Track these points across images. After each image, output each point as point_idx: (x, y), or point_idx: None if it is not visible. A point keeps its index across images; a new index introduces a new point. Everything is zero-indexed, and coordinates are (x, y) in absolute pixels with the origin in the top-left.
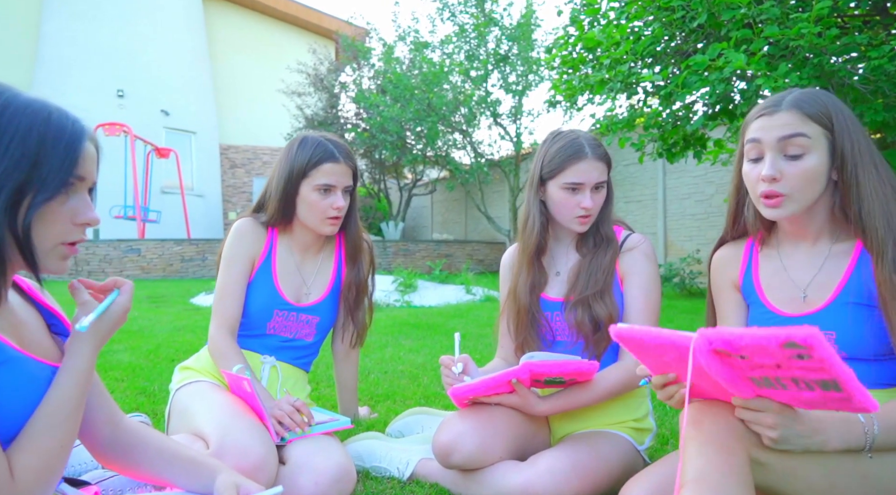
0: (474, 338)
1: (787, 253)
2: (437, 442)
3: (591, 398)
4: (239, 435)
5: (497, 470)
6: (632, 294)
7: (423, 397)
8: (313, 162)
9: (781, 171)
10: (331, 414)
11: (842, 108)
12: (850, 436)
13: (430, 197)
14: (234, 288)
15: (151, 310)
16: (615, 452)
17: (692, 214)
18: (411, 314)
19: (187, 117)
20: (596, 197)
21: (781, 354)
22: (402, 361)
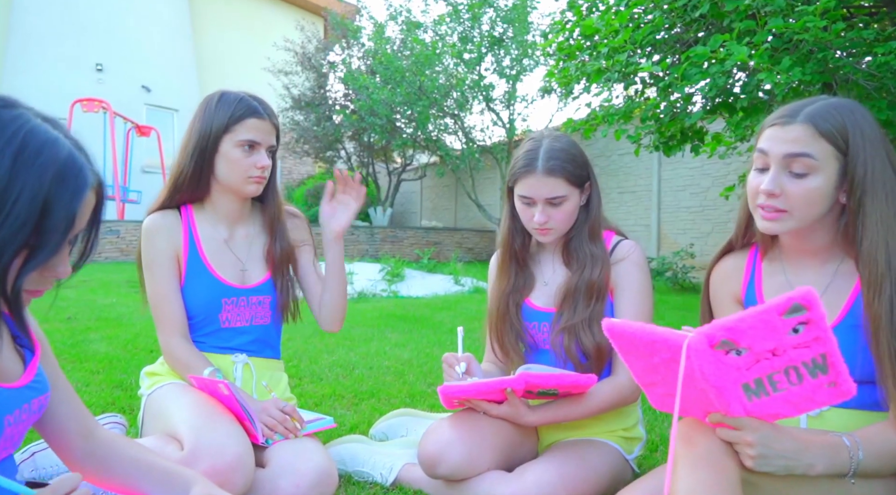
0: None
1: (793, 270)
2: (423, 451)
3: (582, 412)
4: (213, 434)
5: (484, 482)
6: (622, 306)
7: (408, 395)
8: (236, 116)
9: (783, 188)
10: (314, 414)
11: (863, 127)
12: (836, 461)
13: (420, 182)
14: (167, 290)
15: (130, 296)
16: (603, 463)
17: (687, 207)
18: (398, 305)
19: (169, 94)
20: (552, 211)
21: (781, 327)
22: (387, 357)
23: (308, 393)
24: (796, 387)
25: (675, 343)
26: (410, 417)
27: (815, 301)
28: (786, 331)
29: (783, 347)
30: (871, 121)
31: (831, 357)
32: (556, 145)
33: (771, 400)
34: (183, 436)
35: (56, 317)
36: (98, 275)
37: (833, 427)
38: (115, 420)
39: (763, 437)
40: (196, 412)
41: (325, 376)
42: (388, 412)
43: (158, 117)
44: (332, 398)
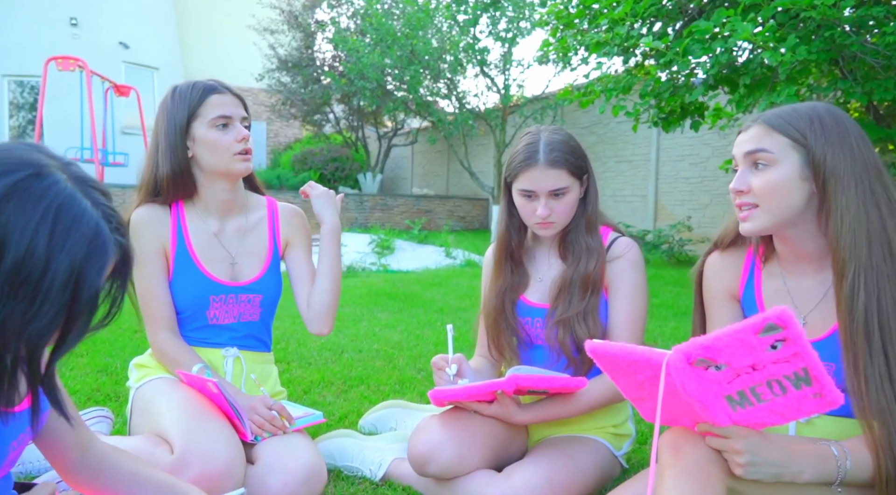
0: (454, 312)
1: (790, 274)
2: (413, 451)
3: (572, 411)
4: (204, 439)
5: (472, 481)
6: (616, 305)
7: (398, 382)
8: (196, 99)
9: (748, 184)
10: (303, 408)
11: (823, 118)
12: (824, 470)
13: (411, 148)
14: (155, 286)
15: None
16: (592, 461)
17: (685, 178)
18: (387, 281)
19: (148, 52)
20: (555, 204)
21: (759, 346)
22: (377, 339)
23: (296, 379)
24: (781, 398)
25: (655, 361)
26: (400, 409)
27: (790, 320)
28: (763, 347)
29: (762, 363)
30: (835, 113)
31: (813, 370)
32: (555, 137)
33: (756, 410)
34: (173, 440)
35: None
36: None
37: (823, 434)
38: (102, 414)
39: (751, 445)
40: (186, 413)
41: (313, 360)
42: (378, 400)
43: (138, 76)
44: (320, 385)
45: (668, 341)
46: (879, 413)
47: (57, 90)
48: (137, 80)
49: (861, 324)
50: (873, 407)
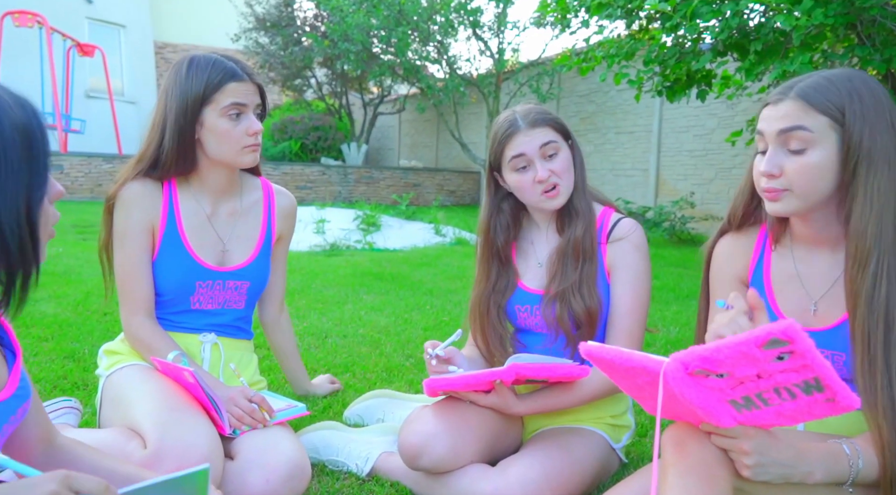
0: (443, 294)
1: (802, 258)
2: (404, 442)
3: (571, 401)
4: (179, 432)
5: (466, 476)
6: (619, 290)
7: (384, 369)
8: (213, 83)
9: (781, 167)
10: (286, 399)
11: (862, 93)
12: (835, 469)
13: (398, 116)
14: (138, 265)
15: (78, 245)
16: (589, 455)
17: (689, 150)
18: (373, 260)
19: (114, 7)
20: (551, 164)
21: (762, 358)
22: (362, 323)
23: (277, 366)
24: (790, 402)
25: (653, 369)
26: (387, 399)
27: (797, 335)
28: (768, 359)
29: (768, 372)
30: (872, 87)
31: (825, 379)
32: (535, 107)
33: (763, 413)
34: (146, 433)
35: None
36: None
37: (833, 428)
38: (70, 405)
39: (759, 445)
40: (160, 403)
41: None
42: (364, 389)
43: (103, 34)
44: None
45: (668, 326)
46: (890, 412)
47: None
48: (102, 38)
49: (881, 316)
50: (886, 405)
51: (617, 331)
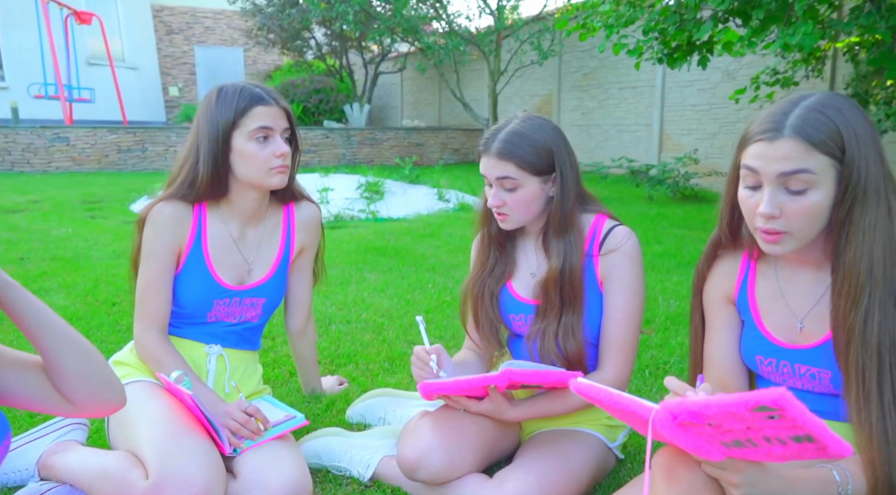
0: (445, 270)
1: (786, 276)
2: (402, 456)
3: (564, 408)
4: (181, 462)
5: (463, 487)
6: (612, 300)
7: (387, 359)
8: (241, 109)
9: (782, 207)
10: (283, 410)
11: (856, 127)
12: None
13: (400, 75)
14: (159, 283)
15: (87, 224)
16: (585, 460)
17: (693, 105)
18: (377, 233)
19: None
20: (506, 196)
21: (752, 417)
22: (365, 306)
23: (282, 358)
24: (779, 447)
25: (642, 415)
26: (388, 398)
27: (789, 404)
28: (759, 418)
29: (760, 427)
30: (861, 116)
31: (817, 435)
32: (519, 128)
33: (752, 452)
34: (147, 462)
35: (7, 257)
36: (50, 192)
37: None
38: (77, 421)
39: (749, 478)
40: (161, 430)
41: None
42: (366, 382)
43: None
44: None
45: (668, 299)
46: (884, 444)
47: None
48: (99, 5)
49: (874, 350)
50: (878, 438)
51: (610, 341)
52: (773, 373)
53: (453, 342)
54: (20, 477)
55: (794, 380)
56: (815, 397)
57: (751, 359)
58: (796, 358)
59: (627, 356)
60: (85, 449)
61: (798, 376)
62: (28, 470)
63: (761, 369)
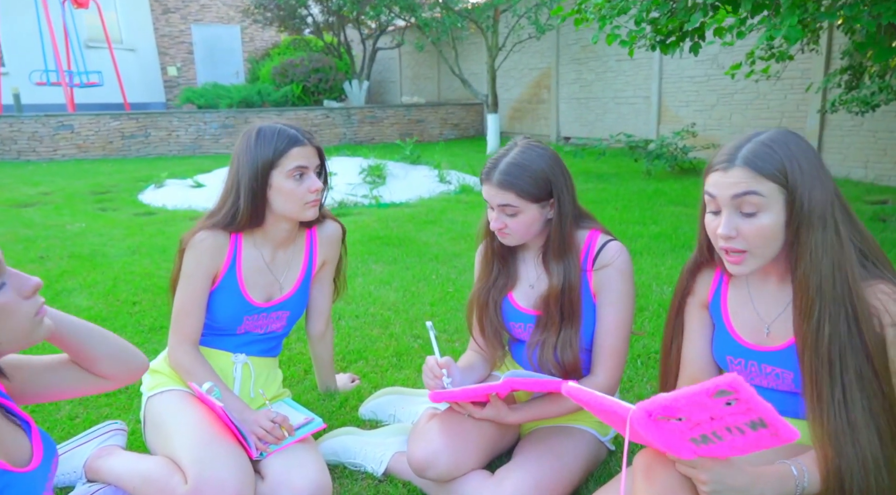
0: (448, 259)
1: (756, 285)
2: (413, 457)
3: (559, 411)
4: (216, 468)
5: (468, 484)
6: (604, 311)
7: (395, 354)
8: (280, 150)
9: (738, 229)
10: (303, 413)
11: (799, 160)
12: (784, 490)
13: (398, 50)
14: (195, 305)
15: (100, 218)
16: (578, 456)
17: (691, 76)
18: (380, 220)
19: None
20: (507, 220)
21: (713, 404)
22: (373, 300)
23: (296, 357)
24: (740, 437)
25: (621, 415)
26: (398, 396)
27: (741, 386)
28: (719, 405)
29: (720, 415)
30: (806, 150)
31: (768, 419)
32: (518, 159)
33: (718, 447)
34: (186, 468)
35: (28, 256)
36: (59, 182)
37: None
38: (117, 426)
39: (716, 475)
40: (197, 438)
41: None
42: (377, 379)
43: None
44: None
45: (662, 285)
46: (835, 439)
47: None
48: None
49: (825, 358)
50: (830, 435)
51: (602, 348)
52: (741, 372)
53: (457, 335)
54: (68, 480)
55: (761, 379)
56: (779, 395)
57: (721, 358)
58: (763, 359)
59: (617, 362)
60: (127, 454)
61: (764, 375)
62: (76, 472)
63: (731, 368)
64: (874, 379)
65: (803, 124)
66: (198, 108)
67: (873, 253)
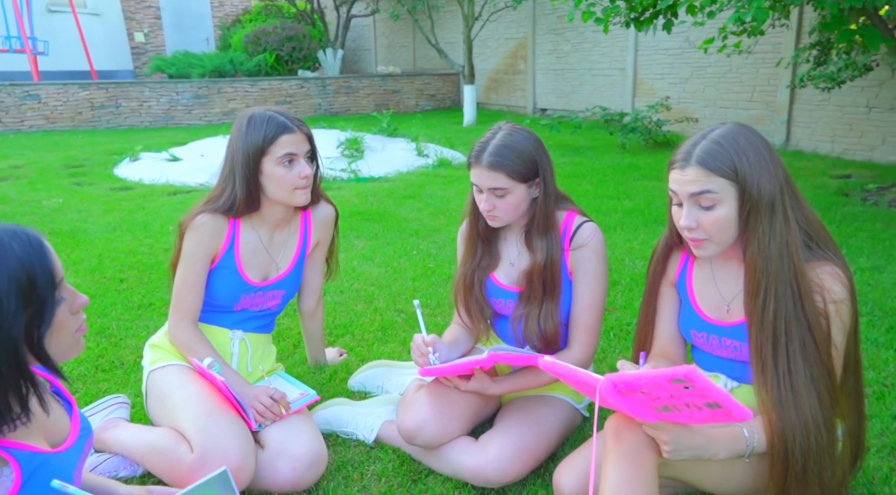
0: (428, 234)
1: (718, 266)
2: (402, 425)
3: (538, 382)
4: (220, 438)
5: (453, 450)
6: (580, 289)
7: (380, 329)
8: (269, 137)
9: (697, 221)
10: (299, 386)
11: (748, 153)
12: (737, 448)
13: (373, 17)
14: (195, 284)
15: (76, 193)
16: (556, 422)
17: (665, 49)
18: (360, 195)
19: None
20: (497, 201)
21: (672, 388)
22: (356, 276)
23: (284, 331)
24: (697, 412)
25: (591, 385)
26: (385, 368)
27: (696, 376)
28: (677, 388)
29: (679, 395)
30: (753, 141)
31: (723, 402)
32: (505, 141)
33: (678, 415)
34: (191, 439)
35: None
36: (29, 155)
37: (742, 400)
38: (120, 400)
39: (676, 436)
40: (201, 411)
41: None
42: (363, 352)
43: None
44: None
45: (635, 260)
46: (779, 405)
47: None
48: None
49: (770, 333)
50: (774, 401)
51: (578, 324)
52: (704, 344)
53: (439, 309)
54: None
55: (721, 351)
56: (738, 365)
57: (687, 332)
58: (723, 332)
59: (592, 337)
60: (133, 426)
61: (724, 347)
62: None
63: (695, 341)
64: (815, 350)
65: (774, 98)
66: (169, 78)
67: (818, 235)
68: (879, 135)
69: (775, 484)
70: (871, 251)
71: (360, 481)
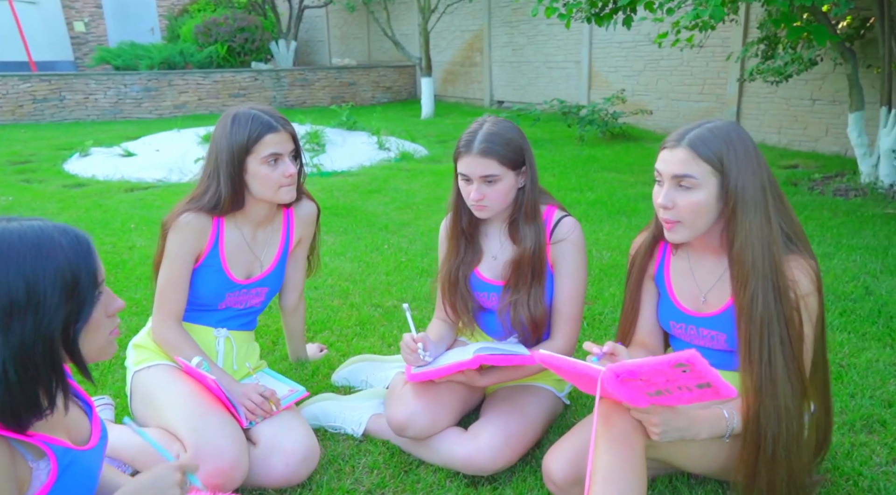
0: (397, 228)
1: (695, 258)
2: (392, 418)
3: (523, 374)
4: (212, 436)
5: (443, 441)
6: (561, 283)
7: (357, 323)
8: (254, 137)
9: (674, 201)
10: (287, 382)
11: (737, 148)
12: (717, 429)
13: (326, 9)
14: (179, 282)
15: (26, 191)
16: (540, 411)
17: (619, 42)
18: (325, 190)
19: None
20: (487, 190)
21: (671, 372)
22: (330, 272)
23: (262, 328)
24: (687, 393)
25: (592, 376)
26: (368, 363)
27: (697, 361)
28: (676, 372)
29: (675, 378)
30: (744, 140)
31: (714, 382)
32: (493, 129)
33: (668, 398)
34: (184, 438)
35: None
36: None
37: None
38: (105, 401)
39: (664, 419)
40: (191, 409)
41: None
42: (343, 347)
43: None
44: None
45: (601, 250)
46: (759, 391)
47: None
48: None
49: (759, 324)
50: (756, 387)
51: (560, 315)
52: (682, 335)
53: (415, 303)
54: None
55: (698, 340)
56: (713, 353)
57: (665, 323)
58: (700, 323)
59: (574, 327)
60: (120, 427)
61: (701, 337)
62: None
63: (674, 331)
64: (790, 344)
65: (724, 91)
66: (115, 69)
67: (797, 235)
68: (823, 127)
69: (745, 464)
70: (820, 238)
71: (353, 474)
